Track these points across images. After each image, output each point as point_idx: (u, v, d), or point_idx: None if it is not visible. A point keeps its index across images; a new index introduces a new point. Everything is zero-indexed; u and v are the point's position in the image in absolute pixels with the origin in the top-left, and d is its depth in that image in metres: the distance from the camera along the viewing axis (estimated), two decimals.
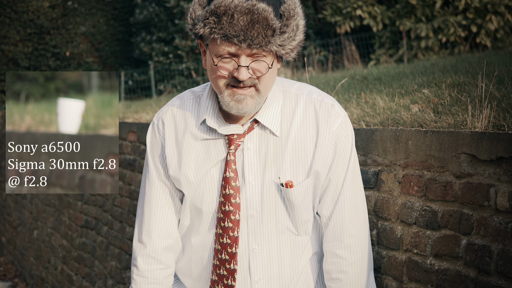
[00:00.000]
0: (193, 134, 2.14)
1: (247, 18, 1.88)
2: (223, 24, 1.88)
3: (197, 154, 2.14)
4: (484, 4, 9.95)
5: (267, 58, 1.96)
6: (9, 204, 9.31)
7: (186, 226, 2.22)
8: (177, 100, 2.21)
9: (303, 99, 2.14)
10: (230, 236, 2.11)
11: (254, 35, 1.89)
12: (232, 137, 2.09)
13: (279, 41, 1.93)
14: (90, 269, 5.98)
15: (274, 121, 2.09)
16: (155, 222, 2.22)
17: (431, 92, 3.33)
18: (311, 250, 2.22)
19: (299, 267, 2.20)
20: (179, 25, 13.49)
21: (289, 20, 1.96)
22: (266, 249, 2.14)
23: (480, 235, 2.10)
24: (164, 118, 2.19)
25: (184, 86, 13.14)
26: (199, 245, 2.20)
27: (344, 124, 2.13)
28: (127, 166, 5.19)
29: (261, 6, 1.89)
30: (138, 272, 2.24)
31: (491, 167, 2.08)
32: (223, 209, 2.11)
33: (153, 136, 2.21)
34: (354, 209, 2.15)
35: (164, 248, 2.23)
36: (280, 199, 2.12)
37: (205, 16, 1.91)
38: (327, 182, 2.14)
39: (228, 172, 2.10)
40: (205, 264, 2.20)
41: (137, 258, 2.24)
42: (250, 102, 1.99)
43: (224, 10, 1.88)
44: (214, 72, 1.99)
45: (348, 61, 10.68)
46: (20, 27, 14.87)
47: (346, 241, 2.15)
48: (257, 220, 2.12)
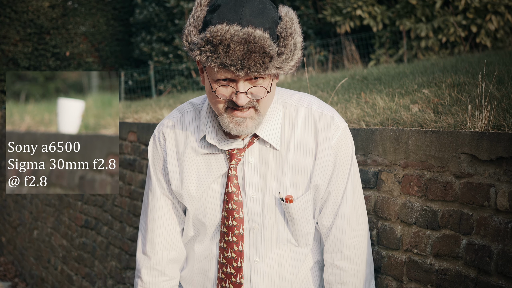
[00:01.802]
0: (193, 148, 2.13)
1: (244, 48, 1.83)
2: (219, 53, 1.85)
3: (199, 168, 2.13)
4: (484, 4, 9.95)
5: (266, 81, 1.94)
6: (9, 204, 9.31)
7: (191, 236, 2.22)
8: (177, 113, 2.20)
9: (302, 111, 2.11)
10: (234, 250, 2.11)
11: (251, 64, 1.85)
12: (233, 152, 2.08)
13: (277, 63, 1.90)
14: (90, 269, 5.98)
15: (274, 135, 2.08)
16: (158, 234, 2.21)
17: (431, 92, 3.33)
18: (312, 259, 2.22)
19: (300, 276, 2.20)
20: (179, 25, 13.49)
21: (287, 40, 1.91)
22: (267, 261, 2.14)
23: (480, 235, 2.10)
24: (165, 132, 2.18)
25: (184, 86, 13.14)
26: (202, 254, 2.20)
27: (343, 136, 2.12)
28: (127, 166, 5.19)
29: (258, 34, 1.84)
30: (142, 284, 2.23)
31: (491, 167, 2.08)
32: (226, 223, 2.10)
33: (155, 149, 2.20)
34: (354, 220, 2.15)
35: (169, 260, 2.22)
36: (281, 213, 2.12)
37: (201, 44, 1.87)
38: (327, 195, 2.14)
39: (230, 187, 2.09)
40: (207, 274, 2.19)
41: (141, 270, 2.23)
42: (250, 124, 1.98)
43: (220, 40, 1.84)
44: (212, 96, 1.97)
45: (348, 61, 10.68)
46: (20, 27, 14.87)
47: (346, 252, 2.15)
48: (258, 233, 2.12)
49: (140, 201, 4.88)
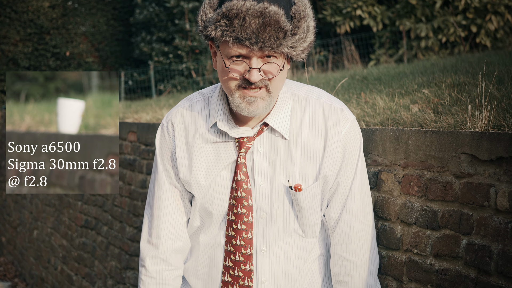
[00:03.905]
0: (203, 137, 2.14)
1: (259, 21, 1.88)
2: (234, 27, 1.89)
3: (207, 157, 2.14)
4: (484, 4, 9.95)
5: (278, 59, 1.97)
6: (9, 204, 9.31)
7: (196, 227, 2.23)
8: (186, 102, 2.21)
9: (312, 102, 2.14)
10: (244, 238, 2.12)
11: (266, 38, 1.89)
12: (242, 140, 2.10)
13: (290, 42, 1.93)
14: (90, 269, 5.98)
15: (284, 125, 2.10)
16: (164, 224, 2.22)
17: (431, 92, 3.33)
18: (318, 251, 2.23)
19: (305, 267, 2.21)
20: (179, 25, 13.49)
21: (300, 21, 1.95)
22: (274, 251, 2.15)
23: (480, 235, 2.10)
24: (174, 121, 2.19)
25: (184, 86, 13.14)
26: (207, 243, 2.20)
27: (352, 128, 2.14)
28: (127, 166, 5.19)
29: (273, 8, 1.89)
30: (146, 273, 2.24)
31: (491, 167, 2.08)
32: (234, 211, 2.11)
33: (163, 138, 2.21)
34: (361, 212, 2.17)
35: (173, 250, 2.23)
36: (289, 202, 2.13)
37: (216, 19, 1.91)
38: (336, 186, 2.15)
39: (239, 175, 2.10)
40: (213, 264, 2.20)
41: (145, 259, 2.24)
42: (261, 104, 2.00)
43: (236, 13, 1.88)
44: (225, 73, 1.99)
45: (348, 61, 10.68)
46: (20, 27, 14.87)
47: (354, 244, 2.16)
48: (266, 222, 2.13)
49: (140, 201, 4.88)
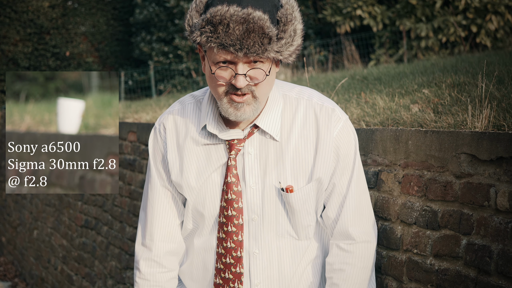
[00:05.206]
0: (194, 139, 2.14)
1: (243, 27, 1.87)
2: (219, 33, 1.88)
3: (198, 159, 2.14)
4: (484, 4, 9.95)
5: (265, 65, 1.96)
6: (9, 204, 9.32)
7: (190, 229, 2.23)
8: (178, 105, 2.22)
9: (303, 103, 2.13)
10: (234, 240, 2.12)
11: (250, 44, 1.88)
12: (233, 142, 2.10)
13: (276, 47, 1.92)
14: (90, 269, 5.98)
15: (274, 126, 2.10)
16: (158, 226, 2.23)
17: (431, 92, 3.33)
18: (313, 253, 2.22)
19: (299, 269, 2.20)
20: (179, 25, 13.49)
21: (286, 25, 1.94)
22: (266, 253, 2.14)
23: (480, 235, 2.10)
24: (166, 123, 2.20)
25: (184, 86, 13.14)
26: (201, 247, 2.20)
27: (345, 128, 2.13)
28: (127, 166, 5.19)
29: (257, 14, 1.88)
30: (140, 275, 2.25)
31: (491, 167, 2.08)
32: (225, 213, 2.11)
33: (155, 141, 2.22)
34: (359, 211, 2.16)
35: (167, 252, 2.24)
36: (281, 204, 2.12)
37: (201, 25, 1.91)
38: (332, 187, 2.15)
39: (229, 177, 2.10)
40: (207, 267, 2.20)
41: (139, 261, 2.25)
42: (247, 109, 2.00)
43: (219, 20, 1.87)
44: (212, 79, 2.00)
45: (348, 61, 10.69)
46: (20, 27, 14.87)
47: (352, 240, 2.15)
48: (258, 224, 2.13)
49: (140, 201, 4.88)
